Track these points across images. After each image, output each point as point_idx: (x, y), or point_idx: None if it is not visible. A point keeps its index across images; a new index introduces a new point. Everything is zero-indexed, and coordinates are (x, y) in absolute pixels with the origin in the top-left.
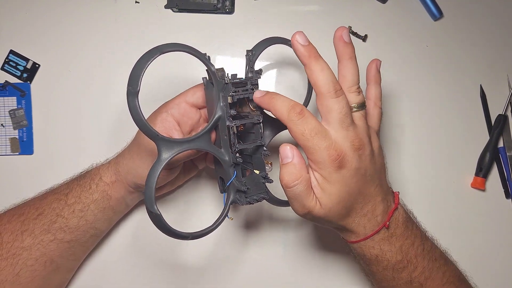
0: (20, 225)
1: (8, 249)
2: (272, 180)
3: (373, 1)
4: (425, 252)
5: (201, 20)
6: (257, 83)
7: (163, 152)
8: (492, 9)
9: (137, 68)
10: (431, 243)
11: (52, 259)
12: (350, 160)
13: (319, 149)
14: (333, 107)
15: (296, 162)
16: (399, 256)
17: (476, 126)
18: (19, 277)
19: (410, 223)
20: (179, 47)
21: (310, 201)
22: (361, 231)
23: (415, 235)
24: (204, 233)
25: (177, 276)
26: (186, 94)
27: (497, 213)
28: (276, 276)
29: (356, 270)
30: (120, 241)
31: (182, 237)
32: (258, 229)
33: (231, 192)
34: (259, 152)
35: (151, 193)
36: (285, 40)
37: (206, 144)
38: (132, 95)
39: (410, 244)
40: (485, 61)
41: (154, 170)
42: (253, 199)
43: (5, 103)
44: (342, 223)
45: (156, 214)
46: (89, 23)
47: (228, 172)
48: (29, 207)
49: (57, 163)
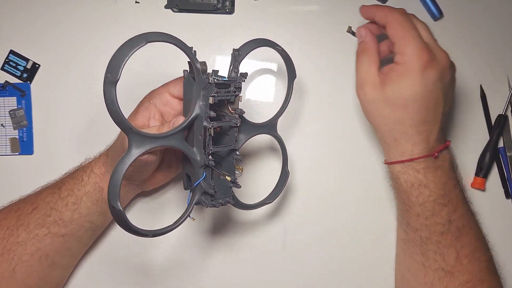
0: (16, 220)
1: (4, 245)
2: (239, 185)
3: (373, 1)
4: (465, 201)
5: (201, 20)
6: (241, 86)
7: (133, 147)
8: (492, 9)
9: (119, 55)
10: (468, 198)
11: (47, 254)
12: (435, 70)
13: (413, 43)
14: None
15: (367, 40)
16: (442, 191)
17: (476, 126)
18: (15, 273)
19: (454, 170)
20: (166, 38)
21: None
22: (408, 148)
23: (457, 180)
24: (164, 231)
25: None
26: (168, 85)
27: (497, 213)
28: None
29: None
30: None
31: (142, 235)
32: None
33: (197, 192)
34: (231, 156)
35: (115, 187)
36: (274, 44)
37: (179, 142)
38: (110, 84)
39: (453, 185)
40: (485, 61)
41: (121, 164)
42: (218, 202)
43: (5, 103)
44: (399, 126)
45: (118, 209)
46: (89, 23)
47: (197, 172)
48: (25, 203)
49: (57, 163)
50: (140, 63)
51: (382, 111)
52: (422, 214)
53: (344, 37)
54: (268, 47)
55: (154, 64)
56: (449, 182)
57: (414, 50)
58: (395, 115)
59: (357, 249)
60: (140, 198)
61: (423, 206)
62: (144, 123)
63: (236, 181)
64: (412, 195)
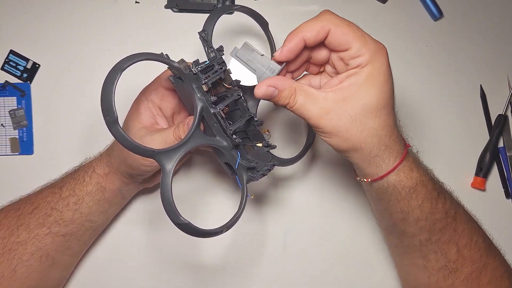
0: (16, 220)
1: (5, 245)
2: (275, 145)
3: (373, 1)
4: (443, 186)
5: (201, 20)
6: (223, 60)
7: (165, 164)
8: (492, 9)
9: (106, 94)
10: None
11: (47, 253)
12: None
13: (369, 39)
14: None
15: (281, 87)
16: (431, 182)
17: (476, 126)
18: (15, 273)
19: (419, 161)
20: (136, 58)
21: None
22: (393, 154)
23: (427, 170)
24: (234, 220)
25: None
26: (160, 79)
27: (497, 213)
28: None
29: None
30: (117, 238)
31: (217, 233)
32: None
33: (242, 172)
34: (252, 125)
35: (171, 206)
36: (230, 7)
37: (201, 139)
38: (113, 124)
39: (429, 170)
40: (485, 61)
41: (164, 184)
42: (265, 170)
43: (5, 103)
44: (375, 141)
45: (185, 224)
46: (89, 23)
47: (232, 155)
48: (25, 202)
49: (57, 163)
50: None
51: (351, 132)
52: (421, 215)
53: None
54: (227, 13)
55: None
56: (426, 168)
57: (373, 45)
58: (368, 130)
59: (357, 249)
60: (140, 197)
61: (422, 206)
62: (152, 122)
63: (269, 143)
64: (412, 199)
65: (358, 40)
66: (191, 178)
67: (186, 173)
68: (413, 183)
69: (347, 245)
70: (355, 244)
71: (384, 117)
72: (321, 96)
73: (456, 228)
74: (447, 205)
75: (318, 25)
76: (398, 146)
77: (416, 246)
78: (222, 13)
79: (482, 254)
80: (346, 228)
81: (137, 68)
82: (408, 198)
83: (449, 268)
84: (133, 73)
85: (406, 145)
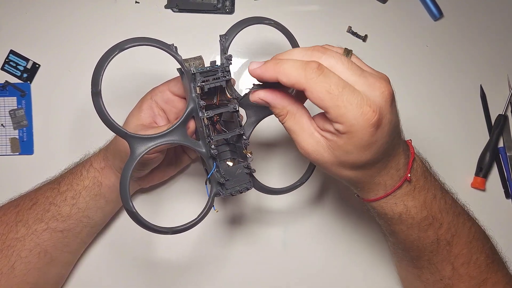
0: (15, 216)
1: (3, 241)
2: (254, 169)
3: (373, 1)
4: (448, 206)
5: (201, 20)
6: (229, 69)
7: (135, 148)
8: (492, 9)
9: (97, 68)
10: (451, 197)
11: (46, 250)
12: (385, 114)
13: (350, 107)
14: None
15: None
16: (424, 212)
17: (476, 126)
18: (14, 269)
19: (428, 173)
20: (139, 41)
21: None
22: (382, 188)
23: (435, 187)
24: (186, 227)
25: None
26: (169, 83)
27: (497, 213)
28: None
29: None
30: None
31: (161, 233)
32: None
33: (214, 183)
34: (241, 142)
35: (125, 191)
36: (260, 19)
37: (180, 137)
38: (95, 95)
39: (432, 197)
40: (485, 61)
41: (127, 168)
42: (235, 190)
43: (5, 103)
44: (361, 184)
45: (132, 211)
46: (89, 23)
47: (209, 164)
48: (25, 199)
49: (57, 163)
50: (140, 65)
51: (342, 173)
52: (407, 239)
53: (344, 37)
54: (257, 24)
55: (153, 63)
56: (428, 196)
57: (353, 114)
58: (344, 178)
59: (357, 249)
60: (140, 196)
61: (407, 232)
62: (150, 121)
63: (249, 166)
64: (395, 226)
65: (334, 109)
66: (191, 177)
67: (187, 172)
68: (397, 214)
69: (346, 245)
70: (355, 244)
71: (363, 171)
72: (309, 132)
73: (451, 251)
74: (441, 232)
75: (295, 77)
76: (381, 185)
77: (408, 258)
78: (252, 24)
79: (482, 271)
80: (345, 228)
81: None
82: (397, 223)
83: (444, 282)
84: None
85: (404, 176)
